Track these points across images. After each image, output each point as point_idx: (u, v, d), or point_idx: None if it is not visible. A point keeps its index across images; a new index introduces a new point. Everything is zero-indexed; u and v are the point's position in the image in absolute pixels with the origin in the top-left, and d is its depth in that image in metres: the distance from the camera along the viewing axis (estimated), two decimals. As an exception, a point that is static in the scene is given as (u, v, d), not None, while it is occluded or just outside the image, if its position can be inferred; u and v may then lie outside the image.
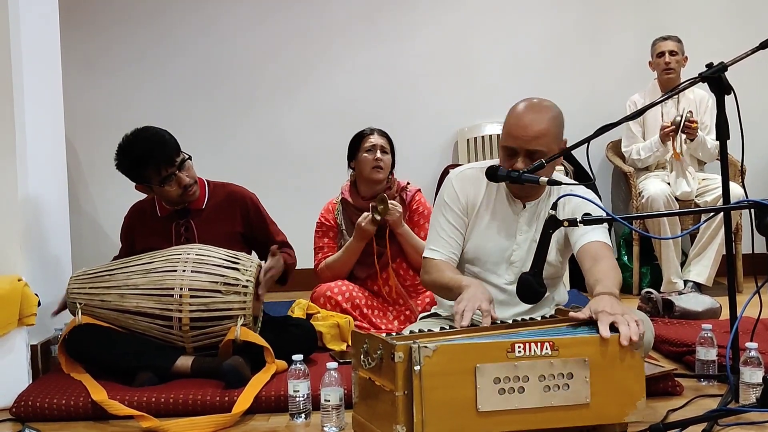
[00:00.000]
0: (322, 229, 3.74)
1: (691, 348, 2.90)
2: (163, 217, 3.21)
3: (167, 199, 3.15)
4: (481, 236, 2.63)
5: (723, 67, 2.53)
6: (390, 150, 3.68)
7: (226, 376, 2.69)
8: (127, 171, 3.08)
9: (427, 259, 2.65)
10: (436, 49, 5.38)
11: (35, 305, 2.89)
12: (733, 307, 2.62)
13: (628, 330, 2.08)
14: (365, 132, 3.69)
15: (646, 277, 4.83)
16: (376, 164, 3.60)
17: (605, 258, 2.44)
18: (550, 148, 2.48)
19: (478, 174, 2.63)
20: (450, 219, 2.63)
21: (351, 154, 3.72)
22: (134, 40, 5.34)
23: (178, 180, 3.06)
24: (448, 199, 2.65)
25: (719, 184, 2.78)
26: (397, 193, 3.69)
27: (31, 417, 2.59)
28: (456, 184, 2.66)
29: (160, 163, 3.01)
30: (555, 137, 2.52)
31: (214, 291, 2.85)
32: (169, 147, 3.05)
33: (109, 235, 5.17)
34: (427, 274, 2.64)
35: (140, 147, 3.03)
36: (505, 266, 2.62)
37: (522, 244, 2.60)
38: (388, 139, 3.70)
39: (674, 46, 4.73)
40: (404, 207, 3.65)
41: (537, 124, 2.48)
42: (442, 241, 2.63)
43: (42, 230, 3.27)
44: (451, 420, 1.96)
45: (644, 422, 2.24)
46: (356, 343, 2.21)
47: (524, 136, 2.47)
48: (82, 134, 5.20)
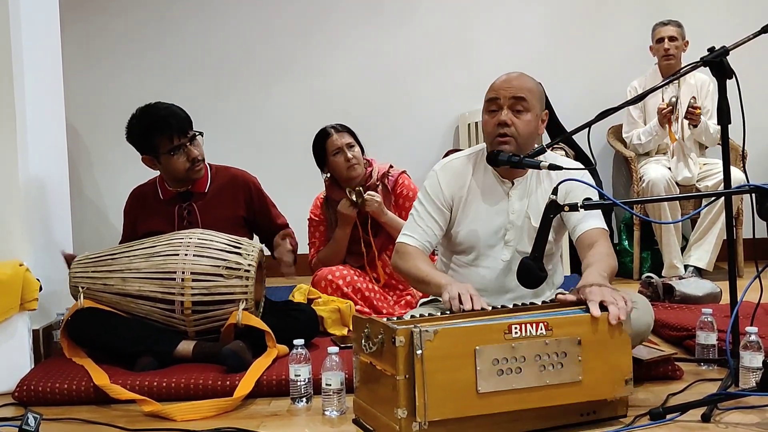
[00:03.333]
0: (313, 224, 3.77)
1: (691, 332, 2.91)
2: (166, 200, 3.21)
3: (172, 173, 3.13)
4: (474, 222, 2.64)
5: (725, 51, 2.52)
6: (355, 139, 3.64)
7: (226, 361, 2.70)
8: (138, 138, 3.09)
9: (401, 244, 2.66)
10: (437, 34, 5.38)
11: (37, 290, 2.89)
12: (734, 292, 2.62)
13: (617, 309, 2.11)
14: (325, 135, 3.63)
15: (647, 261, 4.84)
16: (349, 164, 3.58)
17: (600, 244, 2.47)
18: (532, 103, 2.54)
19: (463, 163, 2.68)
20: (429, 209, 2.66)
21: (320, 160, 3.68)
22: (133, 22, 5.36)
23: (187, 152, 3.08)
24: (430, 190, 2.68)
25: (720, 169, 2.77)
26: (378, 180, 3.66)
27: (33, 401, 2.61)
28: (441, 176, 2.68)
29: (173, 132, 3.04)
30: (537, 95, 2.58)
31: (216, 275, 2.86)
32: (183, 118, 3.09)
33: (110, 221, 5.18)
34: (401, 259, 2.64)
35: (155, 114, 3.06)
36: (501, 246, 2.63)
37: (515, 221, 2.61)
38: (348, 131, 3.66)
39: (674, 31, 4.71)
40: (387, 193, 3.64)
41: (519, 77, 2.59)
42: (419, 229, 2.65)
43: (43, 215, 3.27)
44: (453, 402, 1.97)
45: (644, 406, 2.26)
46: (357, 327, 2.21)
47: (507, 86, 2.55)
48: (84, 117, 5.23)
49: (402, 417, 1.96)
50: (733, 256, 2.68)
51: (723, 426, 2.15)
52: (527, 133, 2.53)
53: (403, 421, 1.96)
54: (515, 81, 2.56)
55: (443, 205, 2.65)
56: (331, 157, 3.60)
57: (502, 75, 2.61)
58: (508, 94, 2.53)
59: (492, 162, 2.52)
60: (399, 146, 5.18)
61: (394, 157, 4.11)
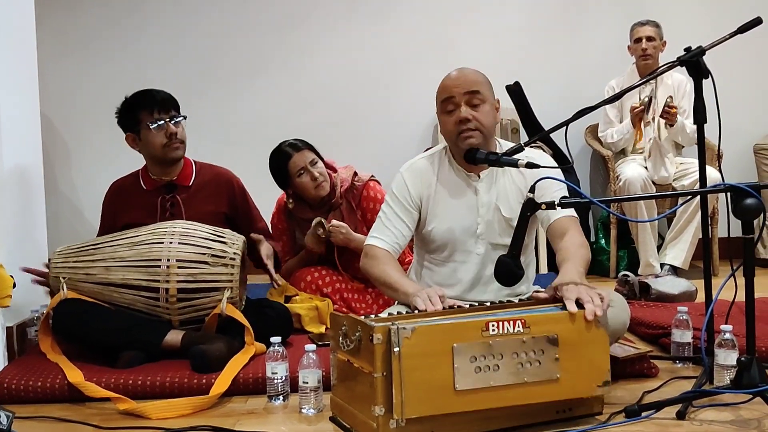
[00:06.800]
0: (276, 231, 3.65)
1: (667, 330, 2.94)
2: (149, 191, 3.19)
3: (150, 149, 3.13)
4: (445, 220, 2.65)
5: (701, 51, 2.54)
6: (315, 153, 3.52)
7: (193, 358, 2.67)
8: (123, 113, 3.15)
9: (370, 246, 2.66)
10: (416, 33, 5.37)
11: (11, 287, 2.84)
12: (709, 290, 2.64)
13: (593, 305, 2.12)
14: (284, 156, 3.49)
15: (623, 260, 4.87)
16: (316, 183, 3.46)
17: (572, 233, 2.50)
18: (485, 93, 2.57)
19: (428, 162, 2.71)
20: (397, 211, 2.67)
21: (281, 181, 3.55)
22: (109, 14, 5.30)
23: (166, 128, 3.09)
24: (397, 192, 2.69)
25: (696, 169, 2.80)
26: (342, 198, 3.56)
27: (6, 399, 2.57)
28: (406, 177, 2.70)
29: (155, 106, 3.09)
30: (487, 85, 2.61)
31: (201, 262, 2.85)
32: (168, 98, 3.15)
33: (86, 217, 5.14)
34: (370, 262, 2.64)
35: (143, 91, 3.16)
36: (474, 240, 2.65)
37: (485, 215, 2.63)
38: (307, 146, 3.53)
39: (652, 31, 4.74)
40: (352, 210, 3.56)
41: (466, 73, 2.60)
42: (387, 231, 2.65)
43: (17, 210, 3.22)
44: (430, 400, 1.97)
45: (619, 404, 2.27)
46: (335, 325, 2.21)
47: (458, 83, 2.57)
48: (59, 110, 5.16)
49: (379, 414, 1.96)
50: (709, 255, 2.70)
51: (698, 423, 2.16)
52: (489, 124, 2.56)
53: (381, 418, 1.96)
54: (464, 77, 2.58)
55: (410, 205, 2.67)
56: (296, 179, 3.48)
57: (448, 75, 2.61)
58: (462, 91, 2.54)
59: (470, 160, 2.52)
60: (377, 145, 5.17)
61: (372, 155, 4.09)
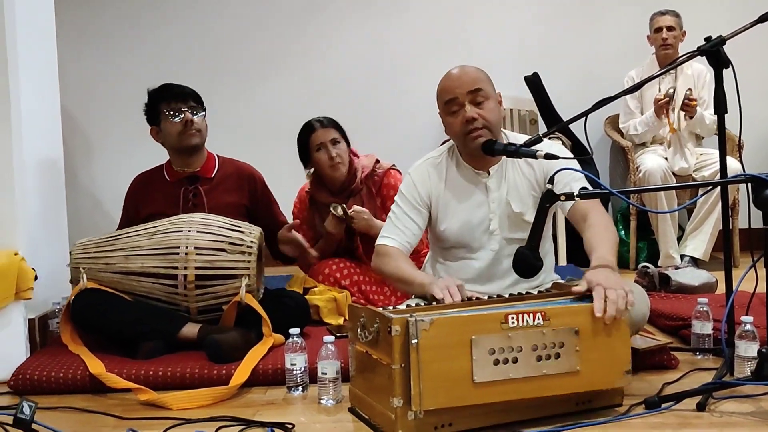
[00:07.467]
0: None
1: (687, 322, 2.92)
2: (172, 182, 3.24)
3: (168, 138, 3.19)
4: (457, 218, 2.65)
5: (722, 41, 2.51)
6: (341, 135, 3.51)
7: (207, 349, 2.70)
8: (148, 107, 3.24)
9: (381, 246, 2.67)
10: (432, 25, 5.36)
11: (32, 279, 2.88)
12: (729, 282, 2.62)
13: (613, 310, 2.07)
14: (309, 129, 3.51)
15: (643, 251, 4.84)
16: (332, 162, 3.47)
17: (596, 214, 2.45)
18: (487, 90, 2.55)
19: (436, 161, 2.71)
20: (406, 210, 2.67)
21: (303, 155, 3.56)
22: (128, 8, 5.34)
23: (184, 117, 3.13)
24: (405, 191, 2.70)
25: (716, 159, 2.78)
26: (362, 183, 3.55)
27: (29, 390, 2.60)
28: (415, 177, 2.70)
29: (172, 98, 3.17)
30: (488, 80, 2.59)
31: (219, 249, 2.89)
32: (188, 90, 3.22)
33: (106, 210, 5.17)
34: (381, 261, 2.65)
35: (162, 84, 3.25)
36: (487, 237, 2.64)
37: (496, 210, 2.62)
38: (335, 126, 3.52)
39: (672, 21, 4.70)
40: (372, 197, 3.55)
41: (466, 71, 2.59)
42: (397, 230, 2.66)
43: (39, 203, 3.26)
44: (448, 392, 1.97)
45: (639, 395, 2.26)
46: (353, 316, 2.21)
47: (460, 83, 2.55)
48: (79, 102, 5.20)
49: (397, 406, 1.97)
50: (729, 246, 2.68)
51: (718, 415, 2.15)
52: (495, 120, 2.55)
53: (399, 410, 1.97)
54: (465, 75, 2.56)
55: (420, 204, 2.67)
56: (314, 153, 3.49)
57: (448, 75, 2.59)
58: (464, 90, 2.53)
59: (489, 152, 2.51)
60: (392, 137, 5.16)
61: (387, 148, 4.09)
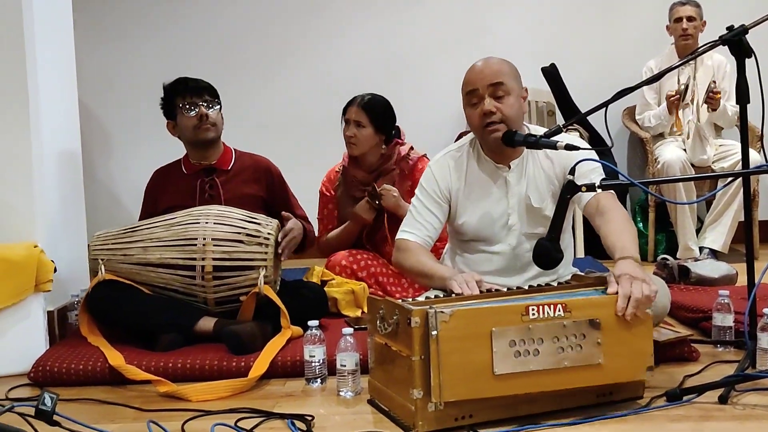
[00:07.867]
0: (323, 199, 3.73)
1: (708, 314, 2.90)
2: (189, 174, 3.26)
3: (184, 132, 3.21)
4: (476, 212, 2.64)
5: (744, 30, 2.48)
6: (370, 121, 3.52)
7: (228, 341, 2.71)
8: (164, 101, 3.25)
9: (401, 240, 2.66)
10: (449, 15, 5.33)
11: (51, 271, 2.90)
12: (751, 273, 2.60)
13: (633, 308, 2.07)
14: (351, 101, 3.58)
15: (662, 243, 4.81)
16: (348, 141, 3.55)
17: (613, 209, 2.43)
18: (510, 84, 2.52)
19: (457, 155, 2.69)
20: (427, 204, 2.66)
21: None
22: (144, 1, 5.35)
23: (199, 111, 3.15)
24: (426, 185, 2.68)
25: (736, 150, 2.75)
26: (395, 164, 3.60)
27: (49, 382, 2.62)
28: (435, 171, 2.68)
29: (187, 91, 3.17)
30: (512, 75, 2.56)
31: (236, 241, 2.90)
32: (203, 84, 3.22)
33: (124, 204, 5.19)
34: (402, 255, 2.64)
35: (176, 79, 3.25)
36: (505, 232, 2.63)
37: (515, 206, 2.61)
38: (368, 110, 3.52)
39: (692, 11, 4.66)
40: (404, 178, 3.58)
41: (490, 63, 2.56)
42: (418, 225, 2.65)
43: (57, 196, 3.27)
44: (468, 384, 1.97)
45: (660, 387, 2.25)
46: (372, 308, 2.21)
47: (482, 75, 2.53)
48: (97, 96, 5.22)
49: (417, 398, 1.96)
50: (750, 238, 2.66)
51: (740, 407, 2.14)
52: (514, 115, 2.52)
53: (419, 401, 1.96)
54: (488, 68, 2.54)
55: (440, 198, 2.65)
56: (343, 125, 3.59)
57: (472, 66, 2.57)
58: (485, 83, 2.50)
59: (508, 142, 2.49)
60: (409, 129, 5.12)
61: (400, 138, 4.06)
